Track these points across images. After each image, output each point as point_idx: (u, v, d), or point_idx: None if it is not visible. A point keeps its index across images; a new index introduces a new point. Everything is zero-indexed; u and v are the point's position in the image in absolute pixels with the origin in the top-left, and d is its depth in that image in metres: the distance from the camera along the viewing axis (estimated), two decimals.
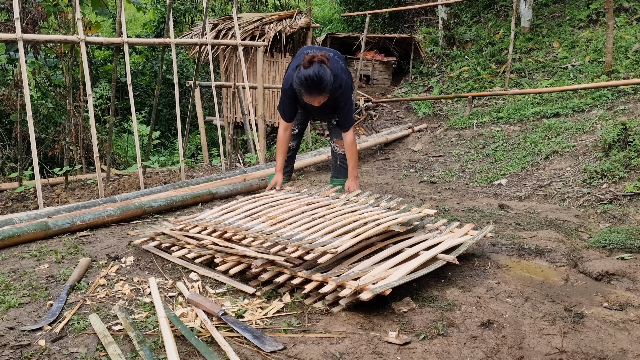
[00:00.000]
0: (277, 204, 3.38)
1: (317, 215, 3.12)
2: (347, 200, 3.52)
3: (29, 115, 4.06)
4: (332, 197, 3.60)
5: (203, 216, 3.29)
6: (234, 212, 3.26)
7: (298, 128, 4.08)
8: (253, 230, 2.91)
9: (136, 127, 4.90)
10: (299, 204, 3.34)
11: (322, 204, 3.38)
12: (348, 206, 3.36)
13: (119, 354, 1.91)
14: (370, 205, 3.42)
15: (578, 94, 6.90)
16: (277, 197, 3.56)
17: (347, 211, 3.21)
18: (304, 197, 3.59)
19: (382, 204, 3.43)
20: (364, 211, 3.23)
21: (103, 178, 4.96)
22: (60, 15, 6.57)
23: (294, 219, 3.07)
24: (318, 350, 2.01)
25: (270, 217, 3.11)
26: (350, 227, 2.86)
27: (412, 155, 6.91)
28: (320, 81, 3.25)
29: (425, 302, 2.47)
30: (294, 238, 2.76)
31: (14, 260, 2.94)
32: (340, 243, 2.67)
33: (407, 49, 10.31)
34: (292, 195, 3.64)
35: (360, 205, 3.40)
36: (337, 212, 3.19)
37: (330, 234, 2.82)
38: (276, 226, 2.97)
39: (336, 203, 3.41)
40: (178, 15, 12.03)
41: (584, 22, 8.95)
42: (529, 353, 2.08)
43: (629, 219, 3.89)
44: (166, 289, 2.57)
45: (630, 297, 2.62)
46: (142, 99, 10.03)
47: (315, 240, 2.71)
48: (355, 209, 3.28)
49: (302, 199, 3.50)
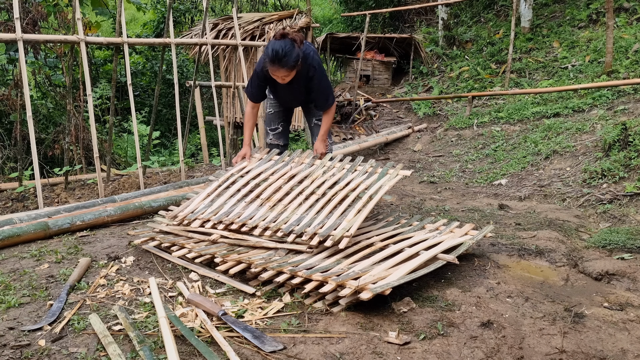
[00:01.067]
0: (261, 180, 3.43)
1: (308, 191, 3.20)
2: (325, 168, 3.50)
3: (29, 115, 4.06)
4: (308, 165, 3.56)
5: (194, 206, 3.31)
6: (224, 197, 3.30)
7: (282, 126, 4.05)
8: (257, 219, 2.99)
9: (136, 127, 4.90)
10: (283, 179, 3.39)
11: (304, 174, 3.43)
12: (329, 174, 3.39)
13: (119, 354, 1.91)
14: (348, 171, 3.42)
15: (578, 94, 6.90)
16: (256, 171, 3.56)
17: (333, 181, 3.29)
18: (281, 166, 3.59)
19: (359, 169, 3.43)
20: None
21: (103, 178, 4.96)
22: (60, 15, 6.57)
23: (290, 199, 3.16)
24: (318, 350, 2.01)
25: (264, 199, 3.18)
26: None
27: (412, 155, 6.91)
28: (284, 55, 3.28)
29: (425, 302, 2.47)
30: (304, 223, 2.88)
31: (14, 260, 2.94)
32: (349, 224, 2.81)
33: (407, 49, 10.31)
34: (268, 166, 3.63)
35: (338, 170, 3.43)
36: (324, 184, 3.28)
37: (333, 212, 2.97)
38: (277, 210, 3.05)
39: (316, 172, 3.43)
40: (178, 15, 12.03)
41: (584, 22, 8.95)
42: (529, 353, 2.08)
43: (629, 219, 3.89)
44: (166, 289, 2.57)
45: (630, 297, 2.62)
46: (142, 99, 10.02)
47: (325, 224, 2.88)
48: (338, 178, 3.34)
49: (281, 170, 3.52)
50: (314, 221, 2.90)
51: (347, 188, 3.18)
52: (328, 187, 3.24)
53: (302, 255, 2.80)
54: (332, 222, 2.87)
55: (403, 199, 4.73)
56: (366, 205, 2.97)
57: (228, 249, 2.89)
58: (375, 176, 3.29)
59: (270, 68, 3.37)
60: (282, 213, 3.03)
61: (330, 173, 3.40)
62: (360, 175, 3.35)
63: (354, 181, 3.25)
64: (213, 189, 3.44)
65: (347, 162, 3.54)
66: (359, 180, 3.26)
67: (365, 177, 3.31)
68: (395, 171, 3.33)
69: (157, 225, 3.23)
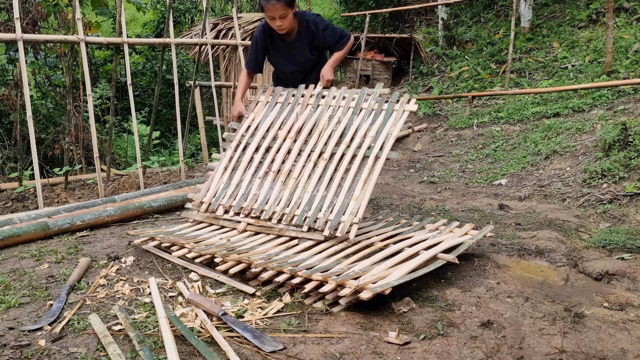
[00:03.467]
0: (270, 142, 3.46)
1: (316, 155, 3.25)
2: (331, 111, 3.46)
3: (29, 115, 4.06)
4: (314, 107, 3.53)
5: (214, 186, 3.43)
6: (239, 173, 3.40)
7: None
8: (272, 203, 3.16)
9: (136, 127, 4.90)
10: (290, 139, 3.40)
11: (310, 125, 3.43)
12: (335, 121, 3.38)
13: (119, 354, 1.91)
14: (353, 112, 3.38)
15: (578, 94, 6.89)
16: (263, 126, 3.55)
17: (339, 133, 3.30)
18: (287, 115, 3.56)
19: (364, 106, 3.38)
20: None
21: (103, 178, 4.96)
22: (60, 15, 6.57)
23: (299, 169, 3.23)
24: (318, 350, 2.01)
25: (275, 171, 3.28)
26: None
27: (412, 155, 6.91)
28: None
29: (425, 302, 2.47)
30: (315, 207, 3.02)
31: (14, 260, 2.94)
32: (356, 205, 2.92)
33: (407, 49, 10.30)
34: (275, 115, 3.60)
35: (343, 113, 3.40)
36: (331, 139, 3.29)
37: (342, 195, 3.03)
38: (289, 186, 3.17)
39: (322, 120, 3.42)
40: (178, 15, 12.03)
41: (584, 22, 8.95)
42: (529, 353, 2.08)
43: (629, 219, 3.89)
44: (166, 289, 2.57)
45: (630, 297, 2.62)
46: (142, 99, 10.02)
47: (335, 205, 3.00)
48: (344, 126, 3.33)
49: (288, 122, 3.51)
50: (324, 202, 3.02)
51: (353, 145, 3.19)
52: (335, 143, 3.26)
53: (302, 255, 2.80)
54: (341, 204, 2.97)
55: (403, 199, 4.73)
56: (372, 170, 3.04)
57: (228, 248, 2.90)
58: (380, 118, 3.26)
59: (266, 7, 3.32)
60: (294, 191, 3.15)
61: (336, 119, 3.39)
62: (366, 117, 3.32)
63: (360, 130, 3.25)
64: (228, 160, 3.51)
65: (351, 98, 3.46)
66: (364, 128, 3.25)
67: (371, 121, 3.28)
68: (401, 108, 3.26)
69: (190, 215, 3.40)
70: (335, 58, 3.67)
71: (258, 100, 3.75)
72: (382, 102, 3.35)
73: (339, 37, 3.62)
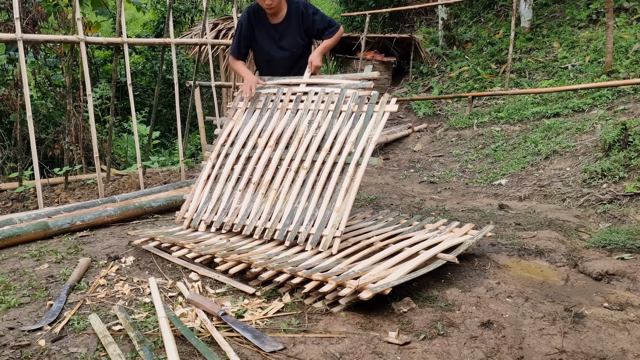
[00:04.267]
0: (250, 151, 3.39)
1: (296, 164, 3.17)
2: (310, 115, 3.36)
3: (29, 115, 4.06)
4: (293, 112, 3.43)
5: (195, 200, 3.37)
6: (220, 185, 3.34)
7: None
8: (254, 217, 3.10)
9: (136, 127, 4.90)
10: (270, 147, 3.32)
11: (289, 131, 3.34)
12: (315, 126, 3.28)
13: (119, 354, 1.91)
14: (333, 116, 3.28)
15: (578, 94, 6.89)
16: (243, 135, 3.48)
17: (319, 140, 3.22)
18: (266, 121, 3.48)
19: (343, 108, 3.28)
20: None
21: (103, 178, 4.96)
22: (60, 15, 6.56)
23: (279, 179, 3.16)
24: (318, 350, 2.01)
25: (256, 183, 3.22)
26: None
27: (412, 155, 6.91)
28: None
29: (425, 302, 2.47)
30: (296, 221, 2.95)
31: (14, 260, 2.94)
32: (338, 217, 2.85)
33: (407, 49, 10.30)
34: (254, 122, 3.52)
35: (323, 117, 3.29)
36: (310, 147, 3.21)
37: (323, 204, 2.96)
38: (270, 198, 3.11)
39: (302, 126, 3.32)
40: (178, 15, 12.02)
41: (584, 22, 8.95)
42: (529, 353, 2.08)
43: (629, 219, 3.89)
44: (166, 289, 2.57)
45: (630, 297, 2.62)
46: (142, 99, 10.01)
47: (317, 218, 2.94)
48: (324, 131, 3.24)
49: (267, 128, 3.43)
50: (305, 215, 2.94)
51: (334, 152, 3.10)
52: (315, 150, 3.17)
53: (302, 255, 2.80)
54: (322, 216, 2.89)
55: (403, 199, 4.73)
56: (354, 179, 2.95)
57: (228, 248, 2.90)
58: (361, 121, 3.17)
59: None
60: (275, 204, 3.08)
61: (316, 124, 3.29)
62: (346, 121, 3.22)
63: (340, 135, 3.16)
64: (208, 172, 3.45)
65: (330, 100, 3.35)
66: (345, 133, 3.15)
67: (351, 125, 3.18)
68: (381, 109, 3.16)
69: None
70: (324, 45, 3.61)
71: (237, 107, 3.69)
72: (362, 103, 3.25)
73: (327, 23, 3.57)
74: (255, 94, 3.65)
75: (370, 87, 3.31)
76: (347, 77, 3.45)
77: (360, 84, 3.35)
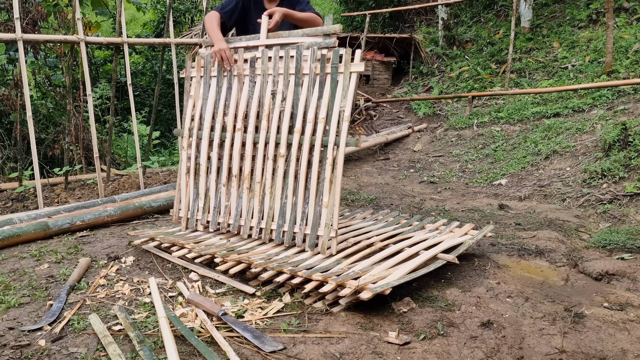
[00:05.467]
0: (220, 135, 3.18)
1: (271, 151, 2.97)
2: (273, 83, 3.04)
3: (29, 115, 4.06)
4: (252, 81, 3.11)
5: (185, 200, 3.29)
6: (204, 180, 3.22)
7: None
8: (247, 216, 3.05)
9: (136, 127, 4.90)
10: (240, 132, 3.10)
11: (254, 107, 3.07)
12: (280, 98, 3.00)
13: (119, 354, 1.91)
14: (294, 78, 2.97)
15: (578, 94, 6.89)
16: (207, 118, 3.22)
17: (288, 116, 2.95)
18: (225, 89, 3.20)
19: (306, 54, 2.96)
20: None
21: (103, 178, 4.96)
22: (60, 15, 6.56)
23: (259, 170, 3.00)
24: (318, 350, 2.01)
25: (237, 175, 3.10)
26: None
27: (412, 155, 6.90)
28: None
29: (425, 302, 2.47)
30: (289, 219, 2.91)
31: (14, 260, 2.94)
32: (329, 214, 2.79)
33: (407, 49, 10.30)
34: (214, 94, 3.23)
35: (285, 85, 2.98)
36: (282, 128, 2.98)
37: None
38: (256, 193, 3.04)
39: (267, 96, 3.03)
40: (178, 15, 12.02)
41: (584, 22, 8.95)
42: (529, 353, 2.08)
43: (629, 219, 3.89)
44: (166, 289, 2.57)
45: (630, 297, 2.62)
46: (142, 99, 10.01)
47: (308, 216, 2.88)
48: (291, 102, 2.95)
49: (231, 104, 3.15)
50: (296, 211, 2.89)
51: (307, 133, 2.85)
52: (287, 130, 2.94)
53: (302, 255, 2.80)
54: (313, 213, 2.83)
55: (403, 199, 4.73)
56: (335, 166, 2.75)
57: (228, 248, 2.90)
58: (327, 88, 2.85)
59: None
60: (263, 200, 3.01)
61: (280, 95, 2.99)
62: (311, 88, 2.90)
63: (309, 112, 2.87)
64: (187, 164, 3.29)
65: (289, 63, 3.00)
66: (314, 106, 2.86)
67: (318, 94, 2.88)
68: (346, 70, 2.82)
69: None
70: (299, 14, 3.29)
71: (191, 76, 3.36)
72: (324, 64, 2.89)
73: (310, 9, 3.39)
74: (206, 57, 3.31)
75: (334, 45, 2.92)
76: (306, 32, 3.06)
77: (322, 42, 2.95)
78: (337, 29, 2.94)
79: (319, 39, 2.99)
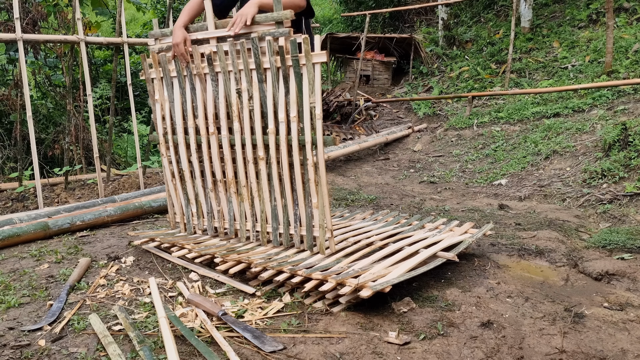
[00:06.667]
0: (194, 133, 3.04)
1: (250, 153, 2.86)
2: (234, 79, 2.86)
3: (29, 115, 4.06)
4: (213, 80, 2.93)
5: (177, 204, 3.26)
6: (189, 181, 3.17)
7: None
8: (240, 220, 3.02)
9: (136, 127, 4.90)
10: (215, 135, 2.97)
11: (223, 107, 2.91)
12: (246, 96, 2.82)
13: (119, 354, 1.91)
14: (256, 73, 2.77)
15: (578, 94, 6.89)
16: (177, 112, 3.06)
17: (258, 113, 2.80)
18: (189, 91, 3.01)
19: (266, 65, 2.73)
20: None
21: (103, 178, 4.95)
22: (60, 15, 6.56)
23: (247, 176, 2.92)
24: (318, 350, 2.01)
25: (221, 180, 3.05)
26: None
27: (412, 155, 6.91)
28: None
29: (425, 302, 2.47)
30: (282, 220, 2.88)
31: (14, 260, 2.94)
32: (320, 214, 2.68)
33: (407, 49, 10.30)
34: (179, 96, 3.05)
35: (248, 81, 2.80)
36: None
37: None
38: (245, 195, 2.99)
39: (233, 94, 2.86)
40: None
41: (584, 22, 8.95)
42: (529, 353, 2.08)
43: (629, 219, 3.89)
44: (166, 289, 2.57)
45: (630, 297, 2.62)
46: (142, 99, 10.00)
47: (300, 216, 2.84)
48: (259, 99, 2.78)
49: (199, 106, 2.99)
50: (288, 214, 2.85)
51: (282, 134, 2.73)
52: (261, 132, 2.81)
53: (302, 254, 2.80)
54: (305, 215, 2.80)
55: (403, 199, 4.73)
56: (318, 167, 2.67)
57: (228, 249, 2.90)
58: (293, 83, 2.67)
59: None
60: (253, 203, 2.97)
61: (246, 94, 2.82)
62: (276, 85, 2.73)
63: (280, 111, 2.72)
64: (169, 168, 3.22)
65: (247, 57, 2.79)
66: (283, 104, 2.71)
67: (284, 90, 2.71)
68: (308, 62, 2.62)
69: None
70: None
71: (152, 78, 3.16)
72: (284, 55, 2.67)
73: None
74: (162, 57, 3.06)
75: (288, 34, 2.66)
76: (256, 20, 2.78)
77: (276, 31, 2.69)
78: (287, 15, 2.65)
79: (272, 28, 2.72)
